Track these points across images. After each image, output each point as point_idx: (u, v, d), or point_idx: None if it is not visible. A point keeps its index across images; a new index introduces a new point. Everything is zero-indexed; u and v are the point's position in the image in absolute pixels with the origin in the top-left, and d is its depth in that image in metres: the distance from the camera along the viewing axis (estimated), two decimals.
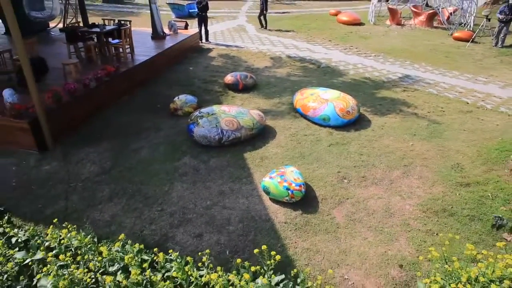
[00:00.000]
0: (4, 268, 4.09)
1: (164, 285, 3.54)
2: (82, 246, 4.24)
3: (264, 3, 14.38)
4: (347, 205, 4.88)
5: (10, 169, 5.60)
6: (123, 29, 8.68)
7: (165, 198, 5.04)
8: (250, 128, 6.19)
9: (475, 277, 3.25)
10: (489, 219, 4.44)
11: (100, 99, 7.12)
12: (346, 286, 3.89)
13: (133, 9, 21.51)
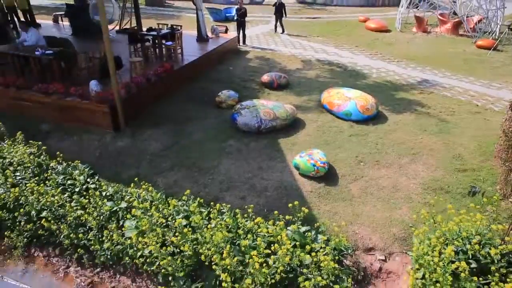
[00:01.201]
0: (100, 212, 5.51)
1: (218, 228, 4.84)
2: (155, 199, 5.62)
3: (283, 10, 15.65)
4: (361, 181, 6.03)
5: (94, 143, 7.08)
6: (176, 33, 10.12)
7: (215, 170, 6.35)
8: (284, 119, 7.44)
9: (451, 227, 4.37)
10: (478, 197, 5.48)
11: (158, 91, 8.56)
12: (357, 238, 5.07)
13: (173, 12, 23.16)
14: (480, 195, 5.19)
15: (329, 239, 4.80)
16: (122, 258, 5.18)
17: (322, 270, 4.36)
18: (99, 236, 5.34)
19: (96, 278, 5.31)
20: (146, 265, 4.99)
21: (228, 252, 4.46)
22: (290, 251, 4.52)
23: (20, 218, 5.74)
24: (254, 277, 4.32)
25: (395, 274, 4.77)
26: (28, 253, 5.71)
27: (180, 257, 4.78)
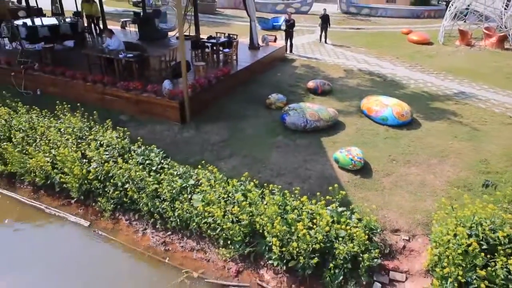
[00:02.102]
0: (172, 186, 6.80)
1: (270, 204, 5.95)
2: (217, 179, 6.84)
3: (327, 21, 16.67)
4: (393, 176, 6.95)
5: (164, 133, 8.47)
6: (233, 41, 11.45)
7: (267, 160, 7.51)
8: (327, 120, 8.48)
9: (466, 214, 5.24)
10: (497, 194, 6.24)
11: (217, 91, 9.88)
12: (385, 220, 6.02)
13: (223, 20, 24.74)
14: (492, 188, 5.97)
15: (361, 219, 5.79)
16: (189, 224, 6.43)
17: (354, 241, 5.37)
18: (172, 206, 6.63)
19: (168, 239, 6.60)
20: (210, 230, 6.22)
21: (278, 222, 5.57)
22: (329, 225, 5.56)
23: (109, 188, 7.18)
24: (299, 242, 5.40)
25: (416, 252, 5.67)
26: (114, 216, 7.12)
27: (238, 225, 5.95)
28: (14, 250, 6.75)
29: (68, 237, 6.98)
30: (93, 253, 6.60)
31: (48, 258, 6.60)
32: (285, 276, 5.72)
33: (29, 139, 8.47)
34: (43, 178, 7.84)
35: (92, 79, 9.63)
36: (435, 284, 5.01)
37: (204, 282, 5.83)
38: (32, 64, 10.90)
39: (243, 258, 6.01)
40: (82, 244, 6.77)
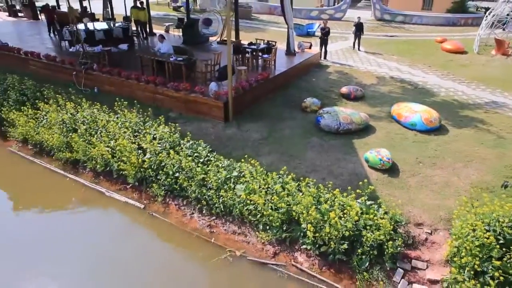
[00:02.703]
0: (218, 177, 7.66)
1: (306, 195, 6.71)
2: (258, 172, 7.65)
3: (361, 29, 17.20)
4: (418, 177, 7.55)
5: (209, 129, 9.41)
6: (272, 48, 12.31)
7: (302, 157, 8.27)
8: (359, 124, 9.15)
9: (485, 211, 5.81)
10: None
11: (257, 94, 10.74)
12: (409, 215, 6.64)
13: (259, 25, 25.68)
14: (511, 188, 6.47)
15: (387, 212, 6.45)
16: (232, 211, 7.28)
17: (381, 230, 6.04)
18: (217, 194, 7.50)
19: (213, 223, 7.48)
20: (251, 216, 7.05)
21: (313, 210, 6.33)
22: (358, 215, 6.26)
23: (161, 176, 8.16)
24: (331, 229, 6.13)
25: (437, 244, 6.27)
26: (165, 201, 8.08)
27: (276, 212, 6.74)
28: (81, 226, 7.85)
29: (126, 216, 8.02)
30: (147, 231, 7.58)
31: (109, 233, 7.65)
32: (317, 259, 6.46)
33: (92, 130, 9.63)
34: (103, 165, 8.95)
35: (145, 80, 10.73)
36: (454, 272, 5.62)
37: (245, 260, 6.67)
38: (92, 65, 12.16)
39: (280, 242, 6.80)
40: (138, 223, 7.78)
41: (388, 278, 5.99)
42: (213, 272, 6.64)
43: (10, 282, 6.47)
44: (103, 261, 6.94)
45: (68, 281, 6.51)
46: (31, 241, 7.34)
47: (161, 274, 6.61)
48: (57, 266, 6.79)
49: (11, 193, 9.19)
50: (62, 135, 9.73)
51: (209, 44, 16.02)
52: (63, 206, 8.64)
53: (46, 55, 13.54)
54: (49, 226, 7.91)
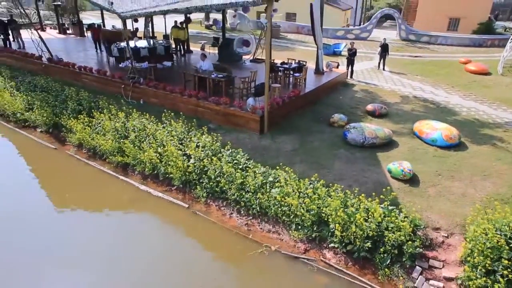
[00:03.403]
0: (255, 181, 8.64)
1: (335, 198, 7.58)
2: (291, 179, 8.58)
3: (386, 50, 18.05)
4: (437, 187, 8.30)
5: (246, 140, 10.45)
6: (303, 67, 13.36)
7: (330, 167, 9.16)
8: (383, 138, 10.00)
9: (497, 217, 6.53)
10: None
11: (289, 109, 11.75)
12: (428, 220, 7.41)
13: (288, 44, 26.90)
14: None
15: (407, 216, 7.24)
16: (267, 212, 8.21)
17: (401, 231, 6.84)
18: (254, 196, 8.47)
19: (250, 222, 8.43)
20: (285, 217, 7.97)
21: (340, 212, 7.19)
22: (381, 217, 7.08)
23: (204, 179, 9.20)
24: (356, 229, 6.97)
25: (453, 247, 7.01)
26: (207, 202, 9.10)
27: (308, 214, 7.64)
28: (131, 222, 8.97)
29: (171, 214, 9.07)
30: (192, 226, 8.60)
31: (157, 228, 8.72)
32: (343, 256, 7.29)
33: (141, 137, 10.84)
34: (151, 168, 10.09)
35: (188, 94, 11.94)
36: (467, 270, 6.36)
37: (279, 254, 7.57)
38: (139, 79, 13.53)
39: (310, 240, 7.67)
40: (183, 220, 8.82)
41: (407, 275, 6.76)
42: (252, 263, 7.56)
43: (65, 277, 7.60)
44: (153, 252, 7.99)
45: (130, 267, 7.58)
46: (86, 237, 8.50)
47: (206, 263, 7.60)
48: (115, 254, 7.89)
49: (68, 192, 10.41)
50: (115, 141, 10.98)
51: (243, 62, 17.26)
52: (114, 203, 9.77)
53: (97, 70, 15.07)
54: (102, 222, 9.05)
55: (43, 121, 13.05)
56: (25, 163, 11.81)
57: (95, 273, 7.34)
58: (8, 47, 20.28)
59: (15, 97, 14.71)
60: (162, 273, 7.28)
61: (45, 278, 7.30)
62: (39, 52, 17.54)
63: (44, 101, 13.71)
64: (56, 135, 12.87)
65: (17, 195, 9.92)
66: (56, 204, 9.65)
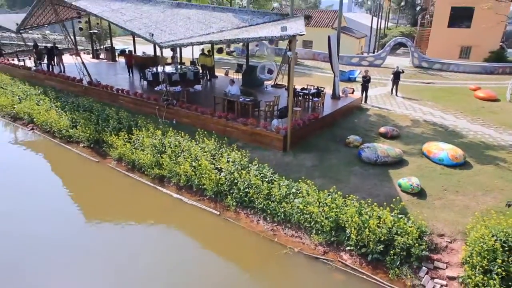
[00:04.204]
0: (280, 192, 9.82)
1: (351, 207, 8.69)
2: (311, 191, 9.73)
3: (399, 77, 19.31)
4: (442, 200, 9.33)
5: (270, 157, 11.69)
6: (321, 92, 14.70)
7: (346, 182, 10.30)
8: (394, 157, 11.12)
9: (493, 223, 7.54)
10: None
11: (309, 130, 13.01)
12: (433, 227, 8.42)
13: (305, 70, 28.39)
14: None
15: (415, 223, 8.28)
16: (291, 219, 9.34)
17: (409, 236, 7.88)
18: (279, 205, 9.63)
19: (275, 228, 9.56)
20: (306, 223, 9.09)
21: (356, 218, 8.29)
22: (392, 223, 8.14)
23: (234, 190, 10.42)
24: (369, 234, 8.05)
25: (455, 251, 8.00)
26: (236, 211, 10.28)
27: (327, 220, 8.75)
28: (169, 226, 10.21)
29: (205, 220, 10.27)
30: (223, 230, 9.78)
31: (192, 232, 9.93)
32: (358, 258, 8.33)
33: (176, 153, 12.19)
34: (185, 180, 11.38)
35: (218, 115, 13.35)
36: (467, 270, 7.36)
37: (301, 255, 8.66)
38: (172, 101, 15.05)
39: (329, 243, 8.74)
40: (215, 225, 10.00)
41: (415, 274, 7.75)
42: (277, 262, 8.66)
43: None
44: (189, 252, 9.18)
45: (172, 263, 8.77)
46: (128, 241, 9.76)
47: (238, 260, 8.74)
48: (157, 253, 9.11)
49: (110, 200, 11.76)
50: (153, 156, 12.36)
51: (264, 87, 18.73)
52: (152, 210, 11.03)
53: (134, 92, 16.70)
54: (142, 228, 10.32)
55: (86, 137, 14.61)
56: (71, 174, 13.30)
57: (143, 263, 8.55)
58: (51, 71, 22.32)
59: (61, 115, 16.40)
60: (199, 267, 8.45)
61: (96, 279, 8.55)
62: (80, 75, 19.38)
63: (87, 119, 15.32)
64: (97, 150, 14.36)
65: (64, 202, 11.32)
66: (101, 210, 11.02)
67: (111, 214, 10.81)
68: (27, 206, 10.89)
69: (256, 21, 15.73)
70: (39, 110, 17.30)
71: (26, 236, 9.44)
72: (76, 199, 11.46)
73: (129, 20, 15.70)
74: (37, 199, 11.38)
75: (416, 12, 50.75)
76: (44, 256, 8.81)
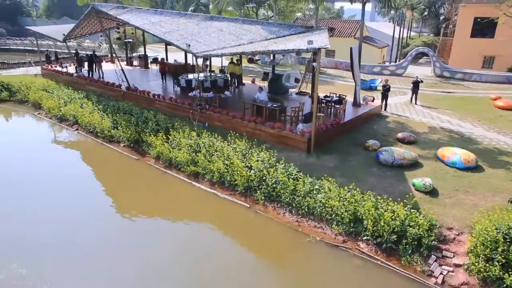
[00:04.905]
0: (304, 188, 10.96)
1: (367, 202, 9.74)
2: (333, 188, 10.83)
3: (418, 86, 20.14)
4: (453, 199, 10.26)
5: (295, 157, 12.86)
6: (343, 100, 15.80)
7: (365, 181, 11.34)
8: (410, 160, 12.10)
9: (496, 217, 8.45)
10: None
11: (331, 134, 14.12)
12: (443, 222, 9.37)
13: (327, 79, 29.44)
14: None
15: (425, 217, 9.25)
16: (314, 212, 10.46)
17: (420, 227, 8.87)
18: (303, 200, 10.76)
19: (299, 219, 10.69)
20: (327, 215, 10.19)
21: (373, 211, 9.34)
22: (405, 216, 9.15)
23: (263, 185, 11.63)
24: (384, 225, 9.08)
25: (462, 242, 8.93)
26: (264, 204, 11.47)
27: (346, 213, 9.83)
28: (203, 217, 11.50)
29: (236, 212, 11.50)
30: (253, 221, 10.97)
31: (224, 222, 11.17)
32: (374, 246, 9.36)
33: (210, 152, 13.52)
34: (218, 177, 12.67)
35: (248, 119, 14.65)
36: (471, 258, 8.29)
37: (323, 243, 9.77)
38: (205, 106, 16.46)
39: (347, 234, 9.80)
40: (246, 216, 11.22)
41: (424, 261, 8.73)
42: (302, 248, 9.79)
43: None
44: (223, 238, 10.43)
45: (208, 250, 10.04)
46: (167, 229, 11.10)
47: (267, 247, 9.92)
48: (193, 239, 10.41)
49: (149, 193, 13.15)
50: (188, 154, 13.73)
51: (289, 95, 19.95)
52: (188, 203, 12.35)
53: (169, 97, 18.24)
54: (180, 219, 11.65)
55: (126, 137, 16.16)
56: (113, 170, 14.84)
57: (179, 249, 9.86)
58: (91, 76, 24.26)
59: (103, 117, 18.08)
60: (231, 252, 9.69)
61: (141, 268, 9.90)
62: (120, 81, 21.13)
63: (128, 121, 16.91)
64: (136, 149, 15.88)
65: (109, 196, 12.79)
66: (140, 202, 12.43)
67: (150, 206, 12.17)
68: (75, 196, 12.43)
69: (283, 33, 17.00)
70: (83, 112, 19.07)
71: (76, 220, 10.95)
72: (118, 192, 12.96)
73: (167, 32, 17.28)
74: (82, 192, 12.89)
75: (440, 21, 51.02)
76: (87, 239, 10.26)
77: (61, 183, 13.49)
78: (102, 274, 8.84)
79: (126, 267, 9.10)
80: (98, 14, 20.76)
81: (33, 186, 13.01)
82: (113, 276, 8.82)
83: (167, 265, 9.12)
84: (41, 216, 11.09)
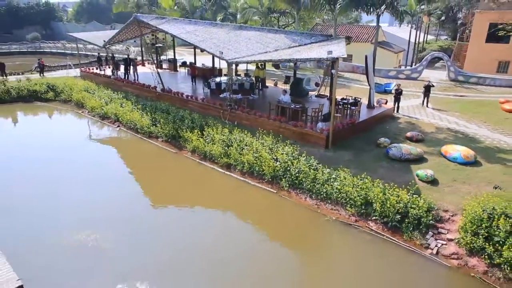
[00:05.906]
0: (322, 177, 12.89)
1: (376, 189, 11.61)
2: (347, 177, 12.71)
3: (429, 90, 21.72)
4: (451, 188, 12.01)
5: (315, 152, 14.79)
6: (358, 102, 17.65)
7: (375, 172, 13.17)
8: (416, 155, 13.88)
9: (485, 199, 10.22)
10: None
11: (346, 133, 15.99)
12: (440, 205, 11.16)
13: (344, 82, 31.14)
14: (501, 190, 10.68)
15: (425, 200, 11.04)
16: (331, 197, 12.38)
17: (420, 209, 10.68)
18: (322, 186, 12.69)
19: (318, 203, 12.62)
20: (343, 200, 12.09)
21: (380, 196, 11.20)
22: (407, 201, 10.98)
23: (287, 174, 13.60)
24: (390, 207, 10.93)
25: (455, 222, 10.71)
26: (288, 190, 13.44)
27: (358, 197, 11.71)
28: (237, 200, 13.56)
29: (264, 197, 13.50)
30: (279, 204, 12.97)
31: (254, 205, 13.21)
32: (381, 225, 11.22)
33: (241, 146, 15.57)
34: (248, 167, 14.70)
35: (273, 118, 16.66)
36: (461, 233, 10.08)
37: (338, 222, 11.70)
38: (235, 106, 18.54)
39: (359, 215, 11.68)
40: (273, 200, 13.21)
41: (423, 237, 10.54)
42: (321, 225, 11.73)
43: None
44: (253, 217, 12.47)
45: (243, 228, 12.10)
46: (207, 210, 13.21)
47: (292, 224, 11.91)
48: (231, 222, 12.50)
49: (188, 182, 15.29)
50: (222, 148, 15.82)
51: (309, 97, 21.87)
52: (224, 190, 14.42)
53: (201, 98, 20.42)
54: (217, 202, 13.74)
55: (164, 133, 18.40)
56: (154, 162, 17.09)
57: (224, 231, 11.96)
58: (127, 78, 26.70)
59: (142, 115, 20.40)
60: (263, 228, 11.74)
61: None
62: (155, 83, 23.45)
63: (165, 119, 19.14)
64: (174, 143, 18.09)
65: (151, 185, 15.02)
66: (180, 190, 14.58)
67: (188, 193, 14.32)
68: (119, 184, 14.69)
69: (304, 42, 18.99)
70: (124, 111, 21.45)
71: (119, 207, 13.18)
72: (158, 182, 15.17)
73: (202, 40, 19.48)
74: (126, 180, 15.17)
75: (457, 26, 51.89)
76: (143, 215, 12.46)
77: (113, 171, 15.83)
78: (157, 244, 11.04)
79: (177, 236, 11.27)
80: (139, 23, 23.14)
81: (94, 174, 15.35)
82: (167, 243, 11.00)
83: (212, 242, 11.23)
84: (100, 197, 13.39)
